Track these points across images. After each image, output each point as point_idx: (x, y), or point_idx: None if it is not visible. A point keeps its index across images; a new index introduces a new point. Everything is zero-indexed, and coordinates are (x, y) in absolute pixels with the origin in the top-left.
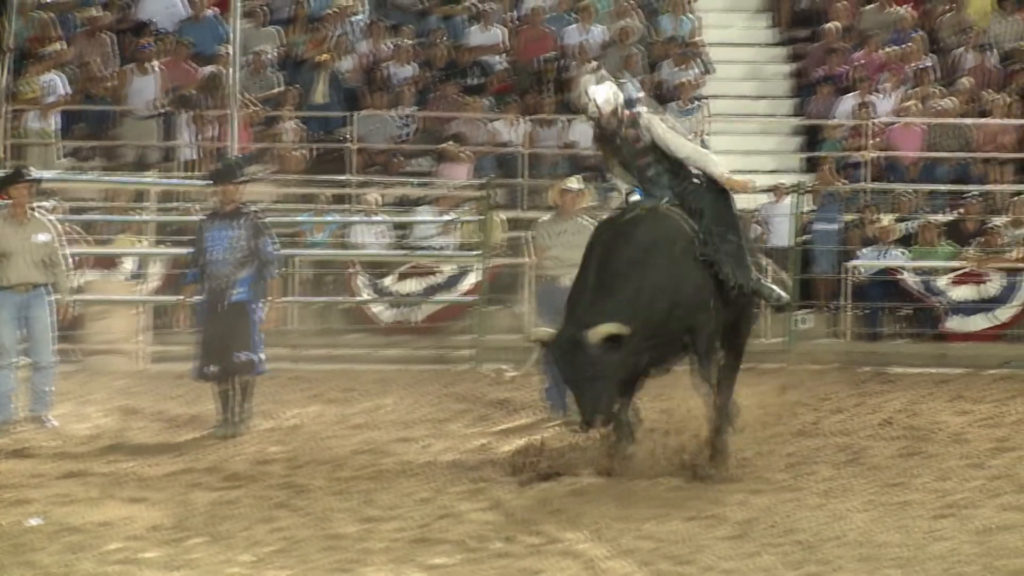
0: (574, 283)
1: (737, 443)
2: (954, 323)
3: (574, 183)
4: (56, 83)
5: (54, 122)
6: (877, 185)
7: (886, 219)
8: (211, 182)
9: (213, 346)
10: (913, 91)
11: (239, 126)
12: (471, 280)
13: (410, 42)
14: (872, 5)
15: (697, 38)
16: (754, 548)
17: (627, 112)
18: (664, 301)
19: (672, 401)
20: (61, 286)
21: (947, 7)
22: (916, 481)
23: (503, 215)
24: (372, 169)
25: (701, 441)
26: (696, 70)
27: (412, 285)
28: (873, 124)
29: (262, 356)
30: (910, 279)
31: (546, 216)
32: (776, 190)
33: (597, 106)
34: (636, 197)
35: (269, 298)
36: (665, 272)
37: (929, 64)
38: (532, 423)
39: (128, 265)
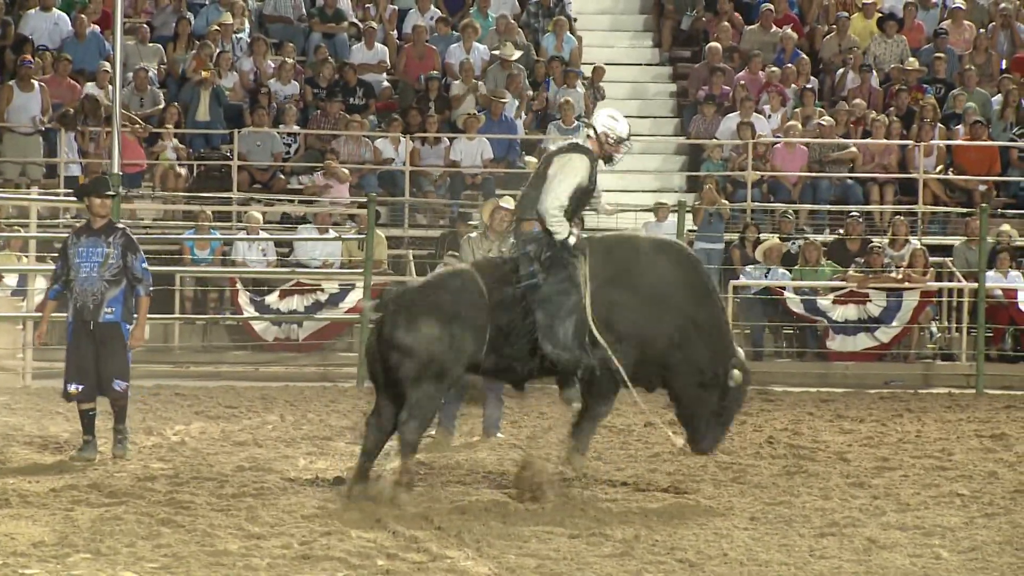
0: None
1: (619, 461)
2: (836, 343)
3: (508, 202)
4: None
5: None
6: (760, 204)
7: (773, 238)
8: (78, 196)
9: (81, 366)
10: (796, 111)
11: (127, 143)
12: (354, 297)
13: (293, 60)
14: (754, 26)
15: (581, 60)
16: (637, 566)
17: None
18: None
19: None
20: None
21: (829, 28)
22: (799, 500)
23: (386, 233)
24: (255, 187)
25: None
26: (580, 90)
27: (295, 302)
28: (756, 144)
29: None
30: (793, 298)
31: (473, 233)
32: (659, 209)
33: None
34: None
35: (136, 316)
36: None
37: (811, 85)
38: None
39: (10, 281)
